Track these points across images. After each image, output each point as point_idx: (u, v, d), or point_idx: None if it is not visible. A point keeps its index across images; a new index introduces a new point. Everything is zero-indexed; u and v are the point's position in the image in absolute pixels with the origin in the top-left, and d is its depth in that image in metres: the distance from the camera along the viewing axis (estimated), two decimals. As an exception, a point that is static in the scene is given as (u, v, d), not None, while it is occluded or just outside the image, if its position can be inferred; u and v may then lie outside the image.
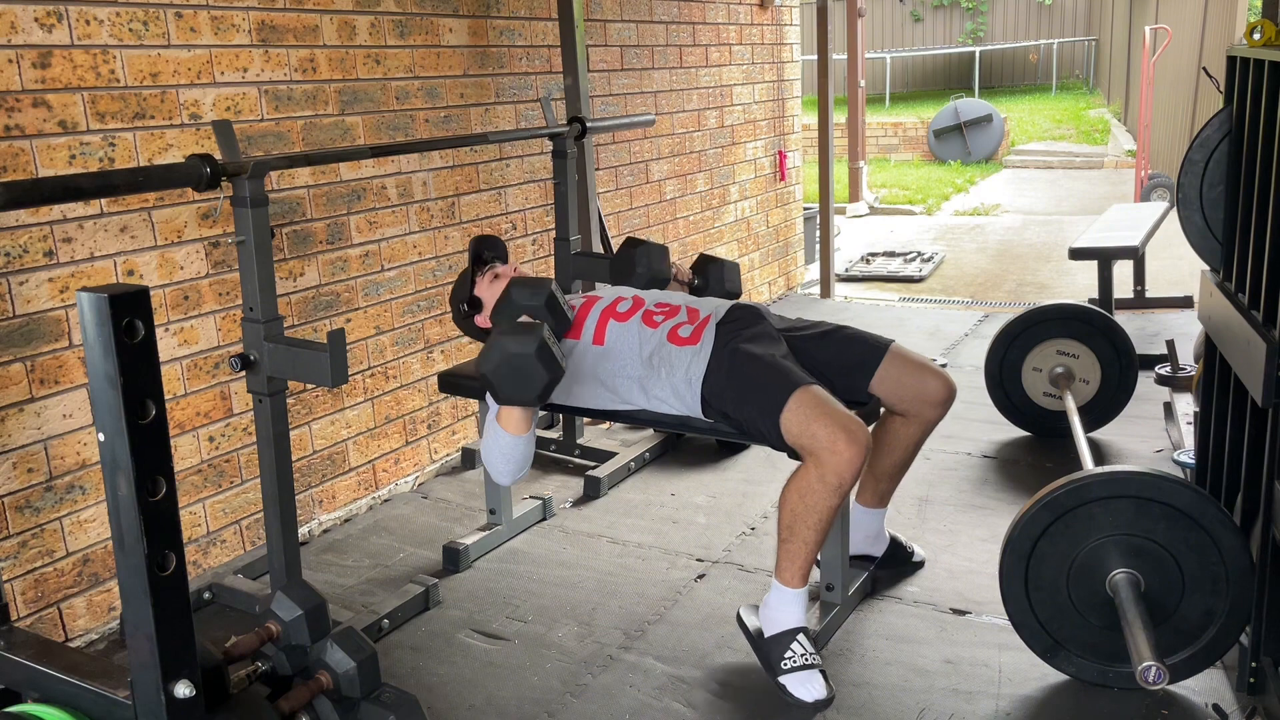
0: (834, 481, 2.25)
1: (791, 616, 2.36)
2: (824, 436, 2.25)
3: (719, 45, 5.35)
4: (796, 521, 2.31)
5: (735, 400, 2.43)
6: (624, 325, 2.56)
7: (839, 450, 2.23)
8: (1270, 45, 2.19)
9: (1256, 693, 2.20)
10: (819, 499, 2.27)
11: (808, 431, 2.27)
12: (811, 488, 2.27)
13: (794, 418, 2.30)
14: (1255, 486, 2.25)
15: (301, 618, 2.04)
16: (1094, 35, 19.45)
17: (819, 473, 2.26)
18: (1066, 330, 3.69)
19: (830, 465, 2.24)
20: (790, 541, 2.33)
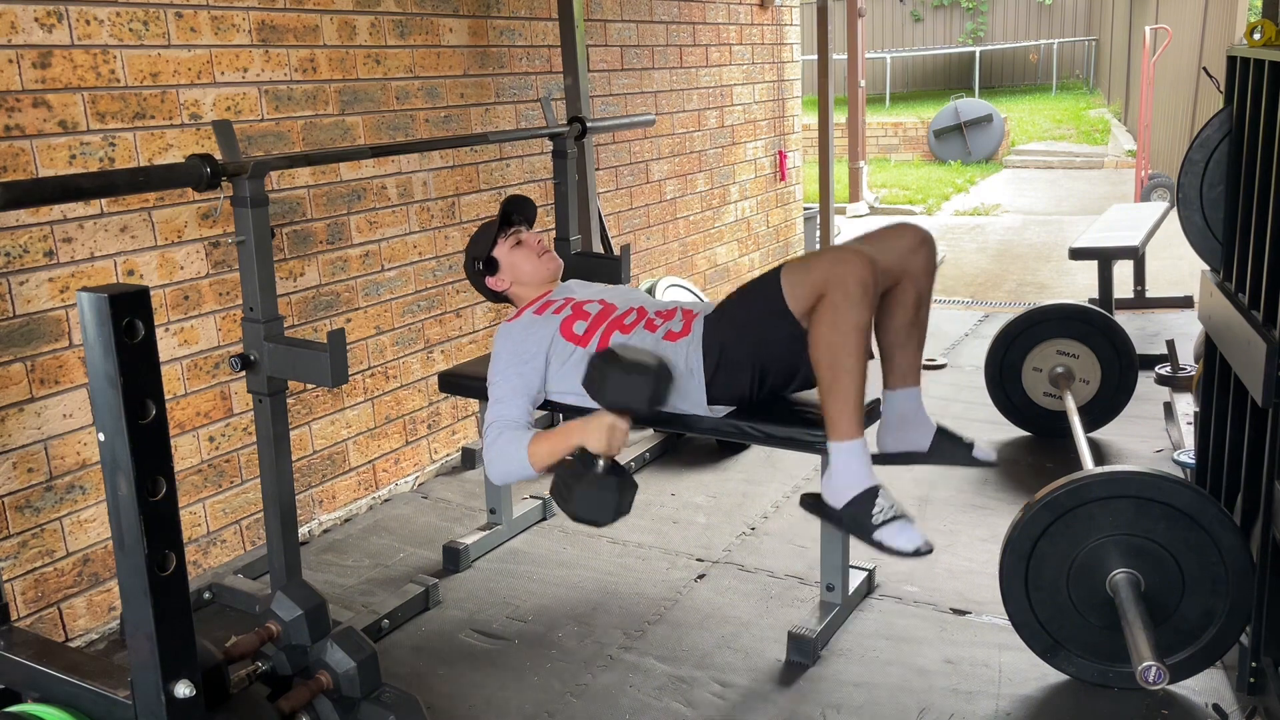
0: (857, 290, 2.19)
1: (861, 475, 2.28)
2: (824, 265, 2.24)
3: (719, 45, 5.35)
4: (837, 354, 2.22)
5: (737, 335, 2.40)
6: (627, 339, 2.55)
7: (845, 261, 2.21)
8: (1270, 45, 2.19)
9: (1256, 693, 2.20)
10: (849, 316, 2.19)
11: (809, 277, 2.26)
12: (839, 309, 2.20)
13: (792, 278, 2.29)
14: (1255, 486, 2.25)
15: (301, 618, 2.04)
16: (1094, 35, 19.45)
17: (841, 292, 2.20)
18: (1067, 330, 3.69)
19: (844, 279, 2.20)
20: (837, 381, 2.23)
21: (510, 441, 2.40)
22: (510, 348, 2.56)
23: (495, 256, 2.77)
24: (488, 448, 2.44)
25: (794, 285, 2.30)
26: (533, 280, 2.77)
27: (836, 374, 2.24)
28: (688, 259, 5.23)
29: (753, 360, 2.43)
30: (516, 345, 2.57)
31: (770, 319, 2.35)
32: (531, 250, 2.78)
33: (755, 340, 2.40)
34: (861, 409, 2.28)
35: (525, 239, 2.79)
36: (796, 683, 2.40)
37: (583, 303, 2.66)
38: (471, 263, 2.80)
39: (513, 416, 2.46)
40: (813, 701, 2.34)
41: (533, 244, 2.79)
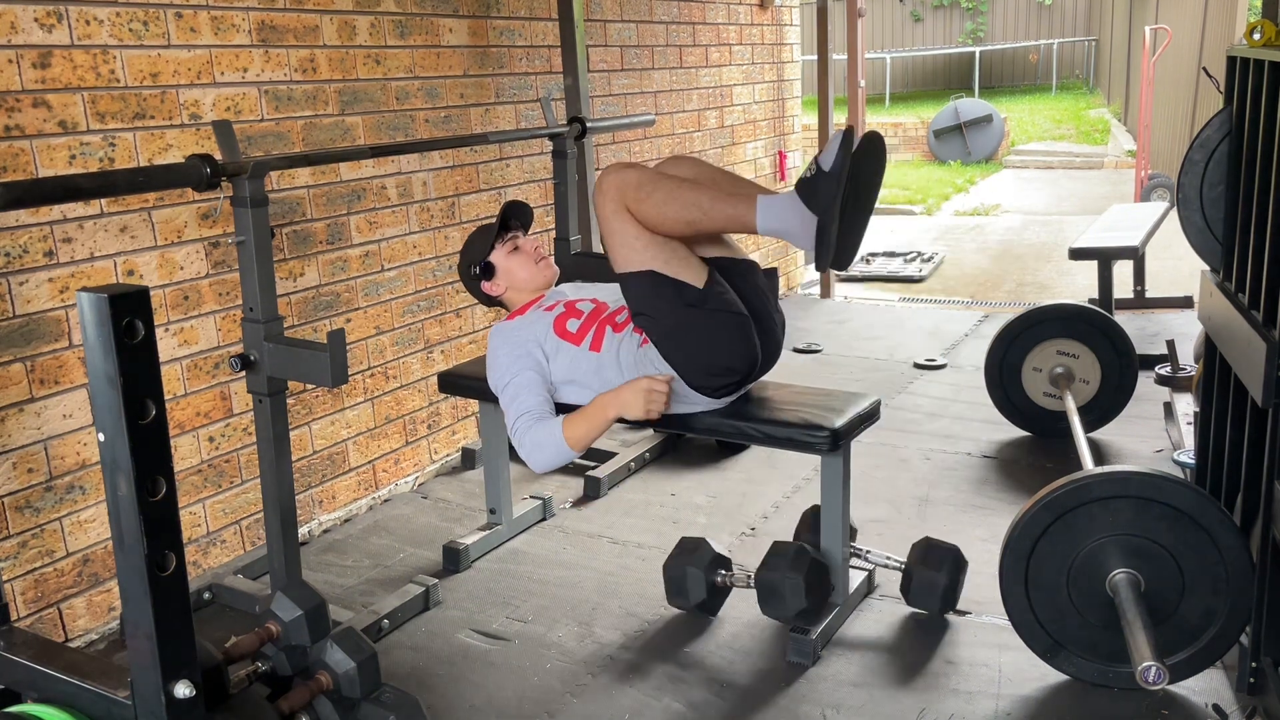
0: (629, 173, 2.37)
1: (784, 202, 2.31)
2: (599, 188, 2.41)
3: (719, 45, 5.35)
4: (691, 203, 2.34)
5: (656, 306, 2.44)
6: (619, 335, 2.56)
7: (607, 173, 2.40)
8: (1270, 45, 2.19)
9: (1256, 693, 2.20)
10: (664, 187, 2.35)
11: (601, 201, 2.41)
12: (652, 195, 2.35)
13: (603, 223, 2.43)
14: (1255, 486, 2.25)
15: (301, 618, 2.04)
16: (1094, 35, 19.45)
17: (620, 182, 2.36)
18: (1067, 330, 3.69)
19: (613, 177, 2.38)
20: (712, 209, 2.34)
21: (543, 431, 2.42)
22: (507, 348, 2.57)
23: (492, 261, 2.77)
24: (520, 444, 2.44)
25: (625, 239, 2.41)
26: (528, 286, 2.78)
27: (698, 205, 2.35)
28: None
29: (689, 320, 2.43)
30: (512, 344, 2.57)
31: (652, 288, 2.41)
32: (528, 256, 2.79)
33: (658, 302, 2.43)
34: (731, 194, 2.38)
35: (522, 244, 2.80)
36: (796, 683, 2.40)
37: (575, 301, 2.68)
38: (467, 267, 2.80)
39: (534, 407, 2.47)
40: (812, 701, 2.34)
41: (529, 249, 2.80)
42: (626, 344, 2.53)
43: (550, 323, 2.60)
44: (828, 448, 2.43)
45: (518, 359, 2.54)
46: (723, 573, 2.65)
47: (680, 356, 2.43)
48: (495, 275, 2.78)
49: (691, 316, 2.39)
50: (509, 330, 2.62)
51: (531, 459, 2.43)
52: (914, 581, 2.60)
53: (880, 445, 3.76)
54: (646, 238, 2.40)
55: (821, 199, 2.25)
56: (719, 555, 2.68)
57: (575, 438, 2.40)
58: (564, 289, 2.81)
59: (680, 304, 2.39)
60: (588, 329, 2.58)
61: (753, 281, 2.52)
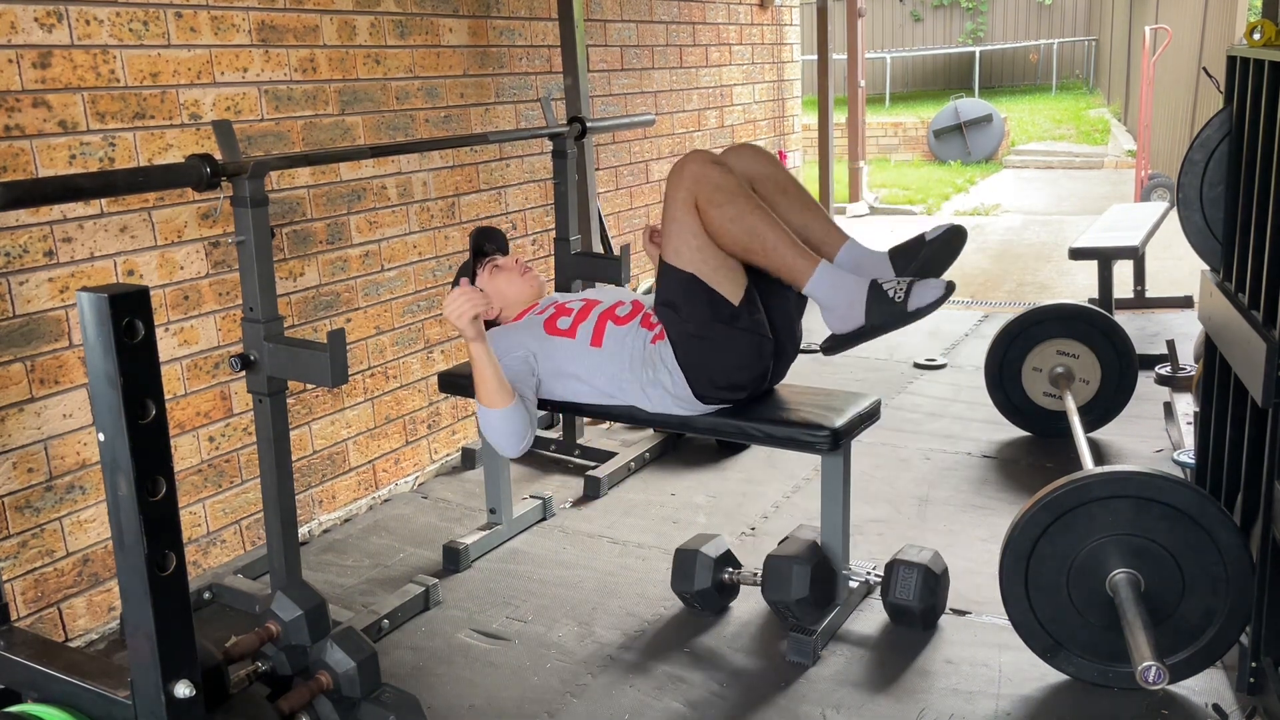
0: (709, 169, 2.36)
1: (850, 285, 2.34)
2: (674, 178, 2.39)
3: (719, 45, 5.35)
4: (744, 225, 2.35)
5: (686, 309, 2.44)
6: (623, 329, 2.56)
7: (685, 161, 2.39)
8: (1270, 45, 2.19)
9: (1256, 693, 2.20)
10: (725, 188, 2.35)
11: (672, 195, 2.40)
12: (711, 190, 2.35)
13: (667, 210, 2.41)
14: (1255, 486, 2.25)
15: (301, 618, 2.04)
16: (1094, 35, 19.45)
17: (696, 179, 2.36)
18: (1066, 330, 3.69)
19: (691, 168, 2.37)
20: (765, 243, 2.35)
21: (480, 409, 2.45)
22: (501, 345, 2.60)
23: (479, 287, 2.78)
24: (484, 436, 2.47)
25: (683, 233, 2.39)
26: (519, 300, 2.81)
27: (760, 238, 2.35)
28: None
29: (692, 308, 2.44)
30: (506, 342, 2.61)
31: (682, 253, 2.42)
32: (512, 271, 2.82)
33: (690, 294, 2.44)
34: (799, 245, 2.38)
35: (502, 263, 2.83)
36: (796, 682, 2.40)
37: (564, 303, 2.70)
38: None
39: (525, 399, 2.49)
40: (812, 701, 2.33)
41: (511, 265, 2.83)
42: (633, 339, 2.54)
43: (541, 324, 2.64)
44: (828, 447, 2.43)
45: (506, 351, 2.57)
46: (730, 570, 2.66)
47: (694, 361, 2.45)
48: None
49: (717, 330, 2.41)
50: (504, 330, 2.68)
51: (492, 439, 2.44)
52: (890, 609, 2.60)
53: (880, 445, 3.76)
54: (703, 240, 2.40)
55: (884, 312, 2.31)
56: (731, 553, 2.70)
57: (478, 392, 2.38)
58: (555, 295, 2.84)
59: (711, 315, 2.41)
60: (580, 323, 2.60)
61: (783, 302, 2.54)
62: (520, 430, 2.40)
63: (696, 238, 2.40)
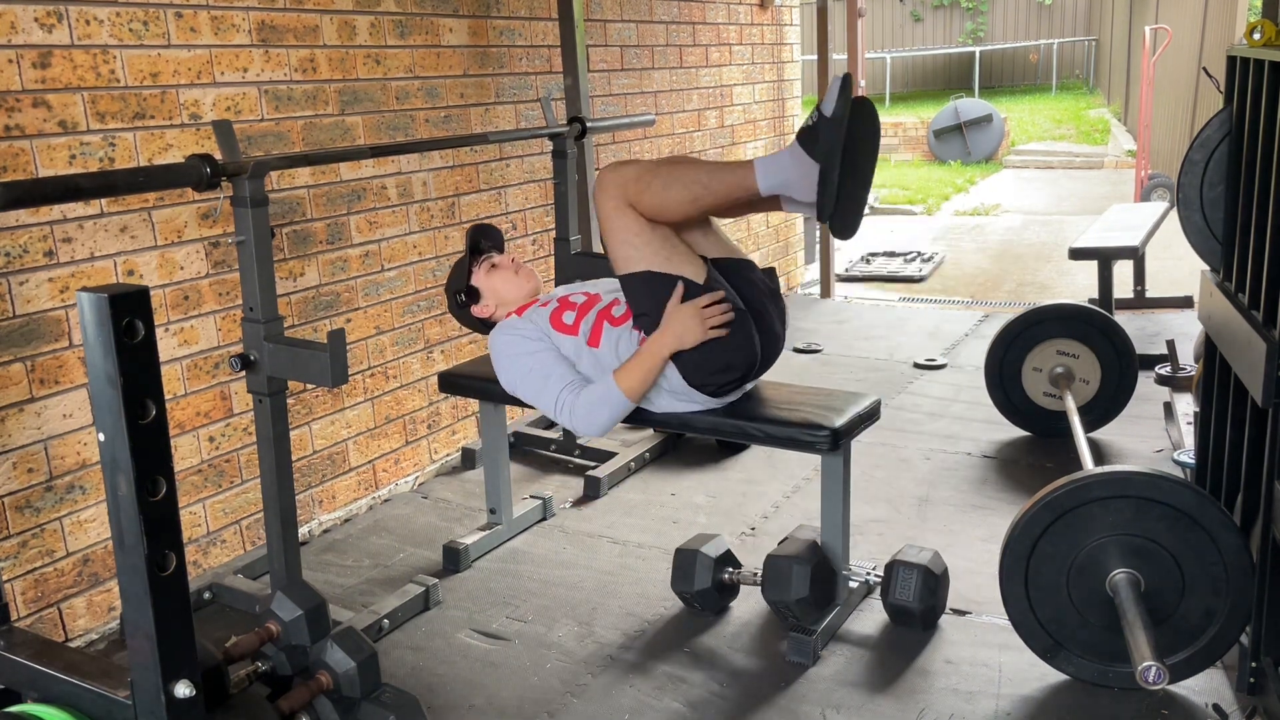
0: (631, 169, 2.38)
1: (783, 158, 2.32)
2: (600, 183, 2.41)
3: (719, 45, 5.35)
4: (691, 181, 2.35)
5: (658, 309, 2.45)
6: (617, 330, 2.56)
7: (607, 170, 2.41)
8: (1270, 45, 2.19)
9: (1256, 693, 2.20)
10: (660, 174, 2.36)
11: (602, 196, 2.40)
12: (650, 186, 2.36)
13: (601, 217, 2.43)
14: (1255, 486, 2.25)
15: (301, 618, 2.04)
16: (1094, 35, 19.45)
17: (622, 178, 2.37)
18: (1067, 330, 3.69)
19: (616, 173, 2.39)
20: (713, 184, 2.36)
21: (595, 393, 2.45)
22: (516, 342, 2.58)
23: (474, 285, 2.79)
24: (574, 413, 2.46)
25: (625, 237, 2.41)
26: (515, 297, 2.80)
27: (698, 180, 2.36)
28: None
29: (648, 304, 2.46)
30: (520, 336, 2.58)
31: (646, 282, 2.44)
32: (508, 269, 2.82)
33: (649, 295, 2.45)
34: (726, 164, 2.41)
35: (499, 261, 2.83)
36: (796, 682, 2.40)
37: (566, 296, 2.69)
38: (454, 297, 2.82)
39: (572, 378, 2.50)
40: (812, 701, 2.34)
41: (507, 264, 2.83)
42: (625, 340, 2.53)
43: (547, 317, 2.62)
44: (828, 447, 2.43)
45: (527, 348, 2.55)
46: (730, 570, 2.66)
47: (681, 353, 2.43)
48: (481, 298, 2.80)
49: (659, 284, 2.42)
50: (512, 326, 2.63)
51: (590, 422, 2.46)
52: (890, 609, 2.60)
53: (880, 445, 3.76)
54: (646, 234, 2.40)
55: (823, 144, 2.26)
56: (731, 554, 2.70)
57: (632, 388, 2.43)
58: (555, 290, 2.83)
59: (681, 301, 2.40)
60: (581, 320, 2.59)
61: (750, 278, 2.52)
62: None
63: (639, 235, 2.40)
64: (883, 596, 2.60)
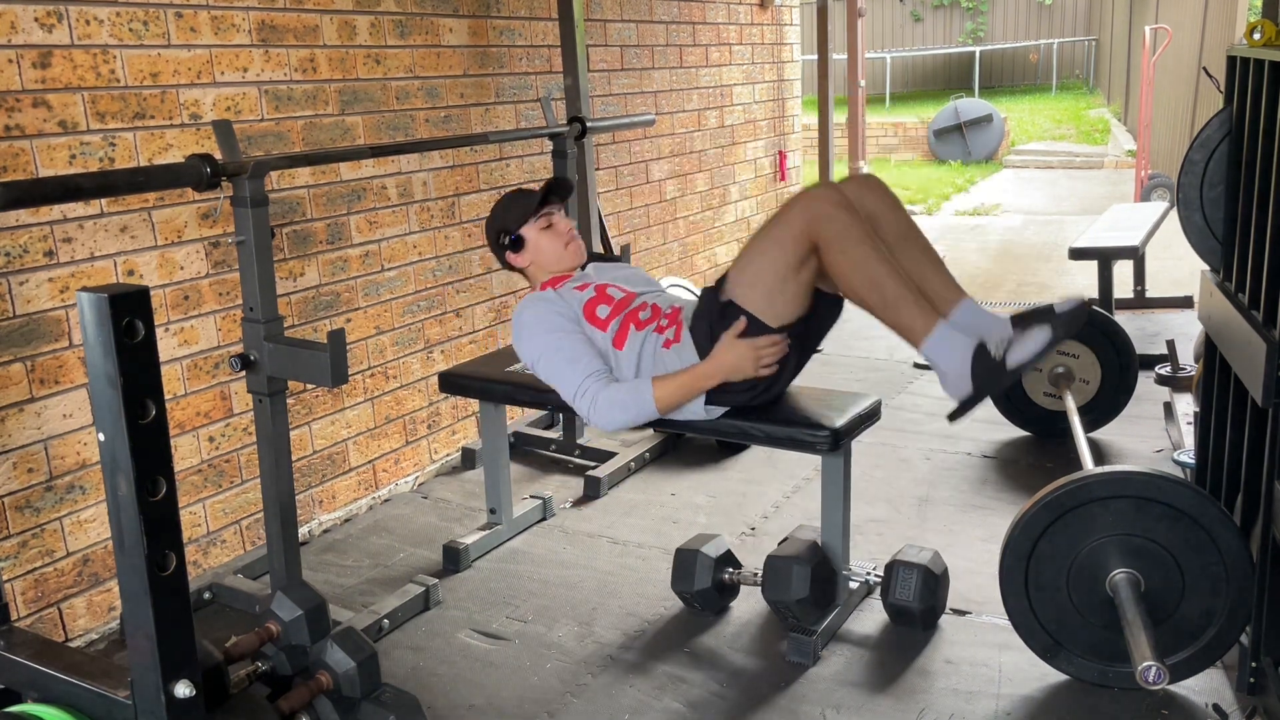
0: (839, 210, 2.24)
1: (960, 346, 2.26)
2: (799, 206, 2.28)
3: (719, 45, 5.34)
4: (866, 270, 2.24)
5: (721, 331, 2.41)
6: (641, 334, 2.54)
7: (816, 194, 2.27)
8: (1270, 45, 2.19)
9: (1257, 693, 2.20)
10: (854, 232, 2.24)
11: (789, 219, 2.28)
12: (838, 233, 2.23)
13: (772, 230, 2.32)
14: (1255, 486, 2.25)
15: (301, 618, 2.04)
16: (1094, 35, 19.45)
17: (825, 218, 2.24)
18: (1066, 330, 3.68)
19: (822, 205, 2.25)
20: (885, 294, 2.26)
21: (624, 391, 2.42)
22: (546, 317, 2.54)
23: (524, 235, 2.71)
24: (593, 402, 2.43)
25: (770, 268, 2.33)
26: (554, 266, 2.74)
27: (879, 286, 2.26)
28: (688, 259, 5.23)
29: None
30: (552, 313, 2.54)
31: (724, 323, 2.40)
32: (560, 237, 2.73)
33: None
34: (920, 301, 2.28)
35: (557, 223, 2.73)
36: (796, 682, 2.41)
37: (605, 286, 2.64)
38: (498, 233, 2.73)
39: (599, 368, 2.47)
40: (812, 701, 2.34)
41: (563, 230, 2.74)
42: (648, 344, 2.52)
43: (581, 305, 2.58)
44: (828, 447, 2.43)
45: (560, 326, 2.51)
46: (730, 570, 2.66)
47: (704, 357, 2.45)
48: (524, 248, 2.73)
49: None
50: (545, 301, 2.58)
51: (608, 418, 2.43)
52: (890, 609, 2.60)
53: (880, 445, 3.76)
54: (791, 281, 2.32)
55: (988, 381, 2.25)
56: (732, 554, 2.70)
57: (665, 400, 2.42)
58: (589, 271, 2.77)
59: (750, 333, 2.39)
60: (613, 319, 2.56)
61: (828, 324, 2.52)
62: None
63: (781, 280, 2.32)
64: (883, 596, 2.60)
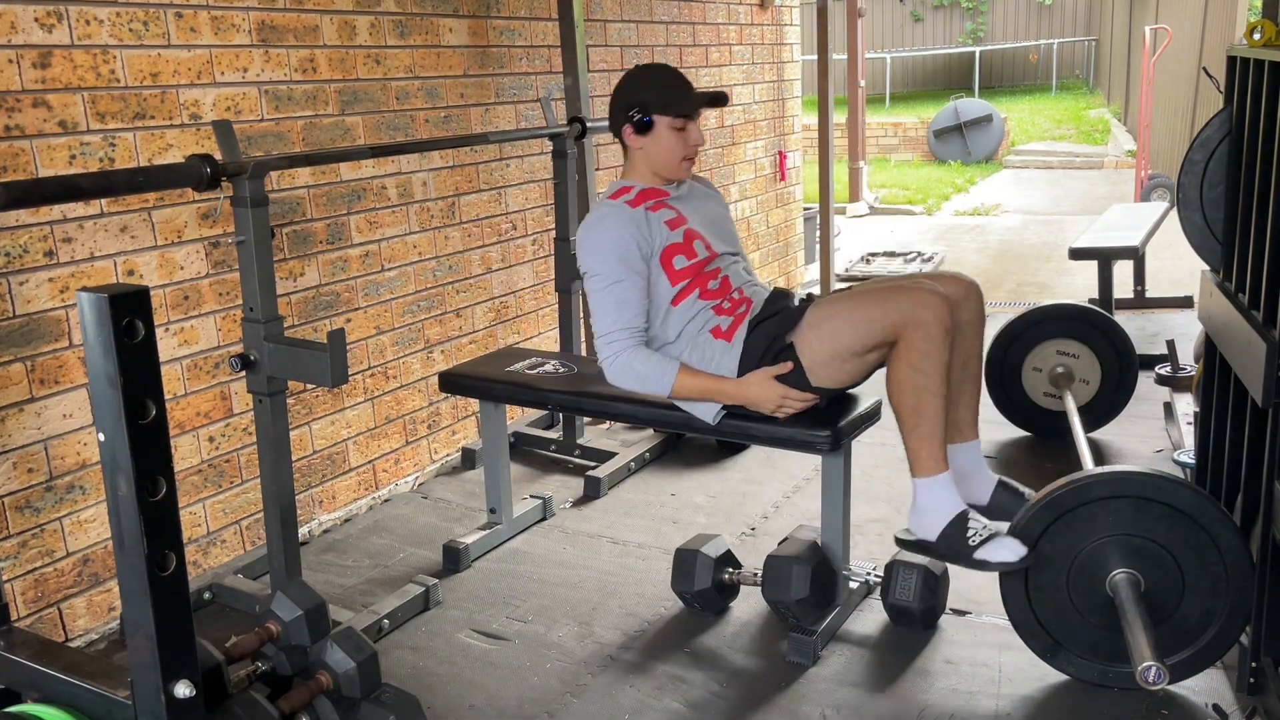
0: (938, 331, 2.22)
1: (948, 505, 2.30)
2: (904, 300, 2.25)
3: (719, 45, 5.35)
4: (921, 397, 2.25)
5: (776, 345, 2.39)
6: (699, 304, 2.50)
7: (926, 300, 2.22)
8: (1270, 45, 2.19)
9: (1256, 693, 2.20)
10: (937, 356, 2.23)
11: (885, 318, 2.26)
12: (922, 352, 2.23)
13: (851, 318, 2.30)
14: (1255, 486, 2.25)
15: (301, 618, 2.04)
16: (1094, 35, 19.45)
17: (923, 334, 2.22)
18: (1067, 330, 3.69)
19: (926, 321, 2.22)
20: (922, 424, 2.27)
21: (652, 363, 2.42)
22: (619, 245, 2.43)
23: (657, 121, 2.50)
24: (615, 355, 2.42)
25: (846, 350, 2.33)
26: (660, 170, 2.56)
27: (921, 415, 2.28)
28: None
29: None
30: (625, 246, 2.44)
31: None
32: (686, 148, 2.53)
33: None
34: (944, 445, 2.31)
35: (690, 131, 2.52)
36: (796, 683, 2.40)
37: (694, 233, 2.53)
38: (632, 104, 2.50)
39: (640, 326, 2.45)
40: (813, 701, 2.34)
41: (691, 142, 2.53)
42: (700, 319, 2.51)
43: (663, 246, 2.48)
44: (828, 448, 2.43)
45: (631, 261, 2.43)
46: (730, 570, 2.66)
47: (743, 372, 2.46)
48: (649, 134, 2.52)
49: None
50: (633, 222, 2.46)
51: (621, 377, 2.44)
52: (890, 609, 2.60)
53: (880, 445, 3.75)
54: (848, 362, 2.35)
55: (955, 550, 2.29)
56: (731, 554, 2.70)
57: (681, 393, 2.44)
58: (684, 202, 2.59)
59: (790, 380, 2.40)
60: (685, 277, 2.49)
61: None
62: None
63: (849, 352, 2.33)
64: (883, 597, 2.60)
